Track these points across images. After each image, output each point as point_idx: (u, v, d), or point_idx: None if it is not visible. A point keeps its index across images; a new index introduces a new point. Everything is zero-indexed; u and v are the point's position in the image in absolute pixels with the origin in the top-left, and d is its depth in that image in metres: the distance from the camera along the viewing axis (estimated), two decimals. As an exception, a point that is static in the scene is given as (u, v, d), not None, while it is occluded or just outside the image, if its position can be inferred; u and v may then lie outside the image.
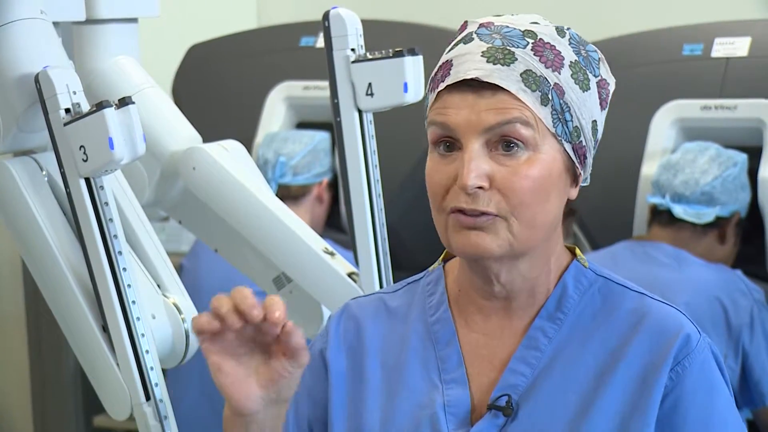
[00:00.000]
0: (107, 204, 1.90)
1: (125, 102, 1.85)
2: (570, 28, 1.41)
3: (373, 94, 2.14)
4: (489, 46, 1.37)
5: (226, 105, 3.50)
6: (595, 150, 1.43)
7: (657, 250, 2.81)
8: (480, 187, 1.35)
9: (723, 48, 3.00)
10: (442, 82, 1.38)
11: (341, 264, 2.19)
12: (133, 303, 1.93)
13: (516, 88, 1.35)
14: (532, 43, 1.37)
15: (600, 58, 1.43)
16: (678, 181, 2.81)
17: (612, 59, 1.54)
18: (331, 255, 2.19)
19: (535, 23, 1.40)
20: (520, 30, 1.38)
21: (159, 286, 2.06)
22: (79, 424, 3.84)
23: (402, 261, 2.74)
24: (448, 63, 1.39)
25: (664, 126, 2.97)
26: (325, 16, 2.16)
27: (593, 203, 3.02)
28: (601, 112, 1.42)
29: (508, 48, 1.36)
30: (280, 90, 3.40)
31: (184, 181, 2.22)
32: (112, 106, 1.83)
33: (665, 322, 1.42)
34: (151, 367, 1.95)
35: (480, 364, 1.44)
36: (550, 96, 1.36)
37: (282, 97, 3.40)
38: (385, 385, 1.46)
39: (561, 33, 1.40)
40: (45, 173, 2.00)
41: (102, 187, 1.89)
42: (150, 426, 1.95)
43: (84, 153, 1.84)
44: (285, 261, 2.19)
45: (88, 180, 1.88)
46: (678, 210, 2.81)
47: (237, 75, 3.51)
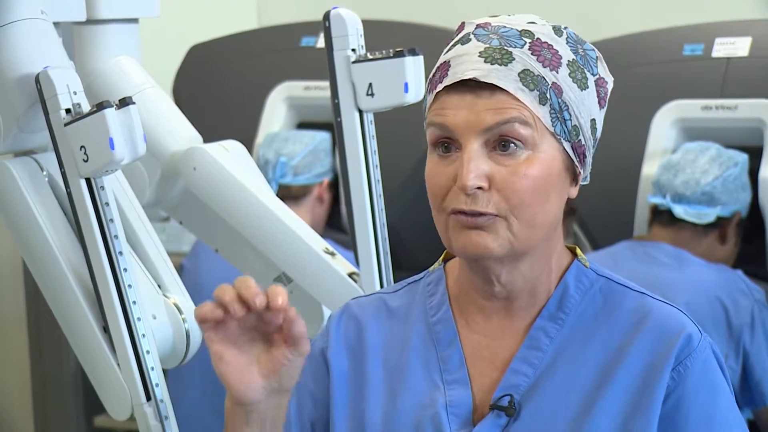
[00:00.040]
0: (108, 204, 1.90)
1: (126, 102, 1.85)
2: (567, 27, 1.41)
3: (374, 94, 2.14)
4: (486, 46, 1.37)
5: (226, 105, 3.50)
6: (595, 149, 1.43)
7: (657, 250, 2.81)
8: (479, 188, 1.35)
9: (724, 48, 3.00)
10: (440, 83, 1.38)
11: (342, 264, 2.19)
12: (134, 303, 1.93)
13: (514, 87, 1.35)
14: (529, 43, 1.37)
15: (598, 56, 1.42)
16: (678, 181, 2.81)
17: (612, 59, 1.54)
18: (332, 255, 2.19)
19: (532, 23, 1.40)
20: (517, 30, 1.38)
21: (160, 286, 2.06)
22: (80, 424, 3.83)
23: (402, 261, 2.73)
24: (445, 64, 1.39)
25: (664, 126, 2.97)
26: (326, 16, 2.16)
27: (594, 203, 3.02)
28: (600, 110, 1.42)
29: (505, 48, 1.36)
30: (280, 90, 3.40)
31: (184, 182, 2.22)
32: (112, 106, 1.83)
33: (667, 321, 1.42)
34: (152, 368, 1.95)
35: (481, 364, 1.44)
36: (548, 95, 1.36)
37: (283, 98, 3.40)
38: (387, 385, 1.46)
39: (558, 32, 1.40)
40: (45, 173, 2.00)
41: (102, 188, 1.89)
42: (151, 426, 1.95)
43: (84, 153, 1.84)
44: (286, 261, 2.19)
45: (88, 180, 1.88)
46: (679, 210, 2.81)
47: (237, 75, 3.51)
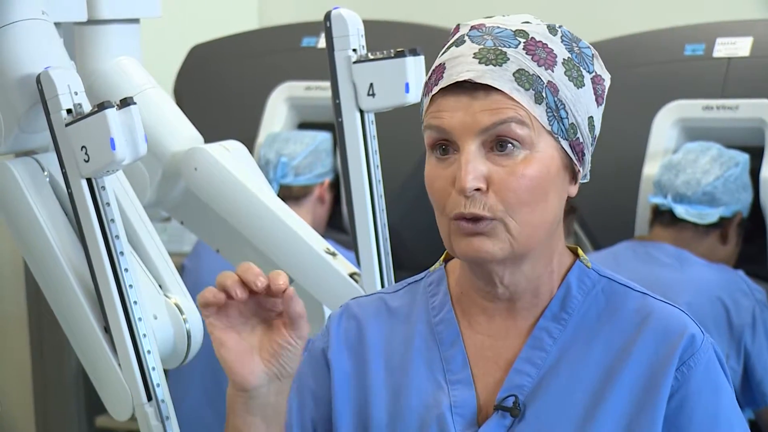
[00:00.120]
0: (109, 204, 1.90)
1: (127, 102, 1.85)
2: (562, 26, 1.41)
3: (375, 94, 2.14)
4: (481, 47, 1.37)
5: (227, 105, 3.50)
6: (593, 146, 1.43)
7: (659, 250, 2.81)
8: (478, 189, 1.35)
9: (725, 48, 3.00)
10: (435, 85, 1.38)
11: (343, 264, 2.19)
12: (135, 303, 1.93)
13: (509, 87, 1.35)
14: (523, 43, 1.37)
15: (593, 54, 1.42)
16: (679, 182, 2.81)
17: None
18: (333, 255, 2.19)
19: (527, 23, 1.40)
20: (511, 30, 1.38)
21: (161, 286, 2.06)
22: (81, 424, 3.84)
23: (403, 261, 2.74)
24: (441, 66, 1.39)
25: (665, 126, 2.97)
26: (327, 16, 2.16)
27: (595, 203, 3.02)
28: (598, 108, 1.42)
29: (499, 48, 1.36)
30: (281, 90, 3.40)
31: (185, 182, 2.22)
32: (113, 106, 1.83)
33: (669, 322, 1.42)
34: (153, 368, 1.95)
35: (485, 364, 1.44)
36: (544, 94, 1.36)
37: (283, 98, 3.40)
38: (389, 385, 1.46)
39: (553, 31, 1.40)
40: (47, 174, 2.00)
41: (103, 188, 1.89)
42: (152, 426, 1.95)
43: (85, 153, 1.84)
44: (286, 261, 2.19)
45: (89, 180, 1.88)
46: (680, 210, 2.81)
47: (238, 75, 3.51)
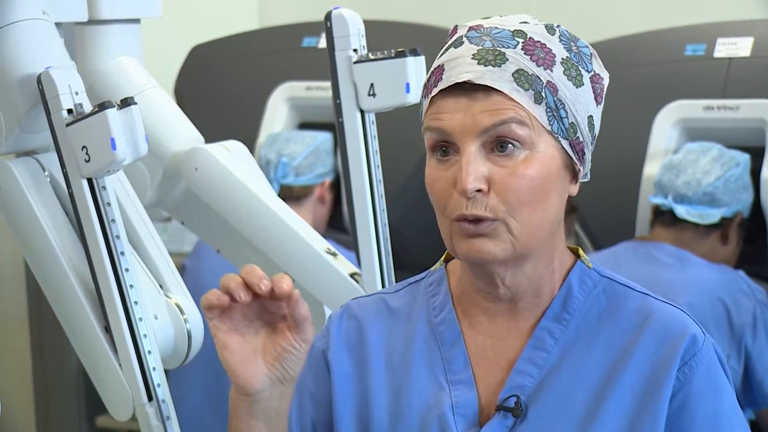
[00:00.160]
0: (109, 204, 1.90)
1: (127, 102, 1.85)
2: (560, 25, 1.41)
3: (376, 94, 2.14)
4: (479, 48, 1.37)
5: (228, 105, 3.50)
6: (593, 145, 1.43)
7: (659, 250, 2.80)
8: (479, 190, 1.34)
9: (725, 48, 3.00)
10: (434, 87, 1.38)
11: (343, 264, 2.19)
12: (136, 304, 1.93)
13: (509, 88, 1.35)
14: (522, 43, 1.37)
15: (592, 53, 1.42)
16: (680, 182, 2.81)
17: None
18: (334, 255, 2.19)
19: (525, 23, 1.40)
20: (509, 30, 1.38)
21: (161, 286, 2.06)
22: (82, 424, 3.84)
23: (404, 261, 2.73)
24: (439, 68, 1.38)
25: (666, 126, 2.97)
26: (327, 16, 2.16)
27: (595, 204, 3.02)
28: (597, 107, 1.42)
29: (498, 49, 1.36)
30: (282, 90, 3.40)
31: (186, 182, 2.22)
32: (114, 106, 1.83)
33: (670, 322, 1.42)
34: (154, 368, 1.95)
35: (486, 365, 1.44)
36: (543, 94, 1.36)
37: (284, 98, 3.40)
38: (390, 385, 1.46)
39: (551, 31, 1.40)
40: (47, 174, 2.00)
41: (104, 188, 1.89)
42: (152, 426, 1.95)
43: (86, 153, 1.84)
44: (287, 261, 2.19)
45: (90, 180, 1.88)
46: (680, 210, 2.80)
47: (239, 75, 3.51)
